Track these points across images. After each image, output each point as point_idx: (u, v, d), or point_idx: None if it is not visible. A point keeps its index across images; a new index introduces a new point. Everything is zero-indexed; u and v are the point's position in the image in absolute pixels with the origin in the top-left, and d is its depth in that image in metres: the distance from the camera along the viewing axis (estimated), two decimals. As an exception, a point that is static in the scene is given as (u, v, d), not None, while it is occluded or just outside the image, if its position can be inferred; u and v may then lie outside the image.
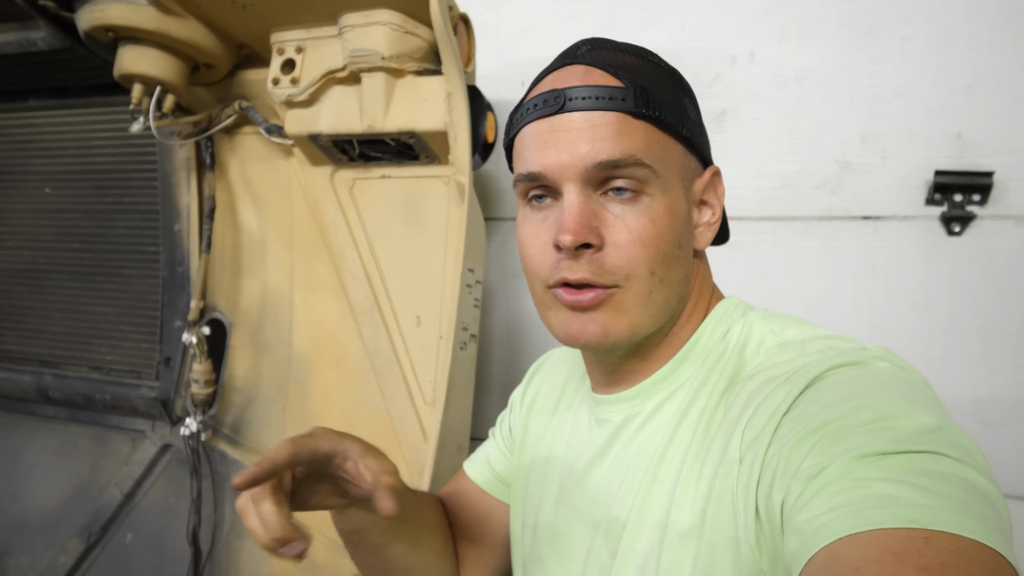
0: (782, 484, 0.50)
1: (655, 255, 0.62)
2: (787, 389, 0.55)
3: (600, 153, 0.61)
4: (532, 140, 0.65)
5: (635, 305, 0.63)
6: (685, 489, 0.61)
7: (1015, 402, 1.29)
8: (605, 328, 0.63)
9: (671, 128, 0.64)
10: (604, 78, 0.63)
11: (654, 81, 0.65)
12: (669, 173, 0.64)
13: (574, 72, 0.64)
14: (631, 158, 0.61)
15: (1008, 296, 1.29)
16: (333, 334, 1.37)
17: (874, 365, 0.55)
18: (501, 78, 1.53)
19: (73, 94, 1.51)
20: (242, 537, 1.44)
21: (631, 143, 0.61)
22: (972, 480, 0.43)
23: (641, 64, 0.66)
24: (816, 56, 1.36)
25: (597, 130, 0.61)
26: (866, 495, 0.42)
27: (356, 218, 1.34)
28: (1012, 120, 1.27)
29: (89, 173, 1.56)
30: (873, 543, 0.40)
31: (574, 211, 0.61)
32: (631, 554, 0.64)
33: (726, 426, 0.60)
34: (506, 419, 0.94)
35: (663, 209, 0.63)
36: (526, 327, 1.61)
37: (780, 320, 0.67)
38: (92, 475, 1.61)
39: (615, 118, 0.62)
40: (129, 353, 1.57)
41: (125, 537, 1.57)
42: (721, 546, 0.57)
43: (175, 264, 1.50)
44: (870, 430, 0.47)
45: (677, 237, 0.64)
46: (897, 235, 1.34)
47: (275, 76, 1.26)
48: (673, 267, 0.64)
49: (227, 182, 1.47)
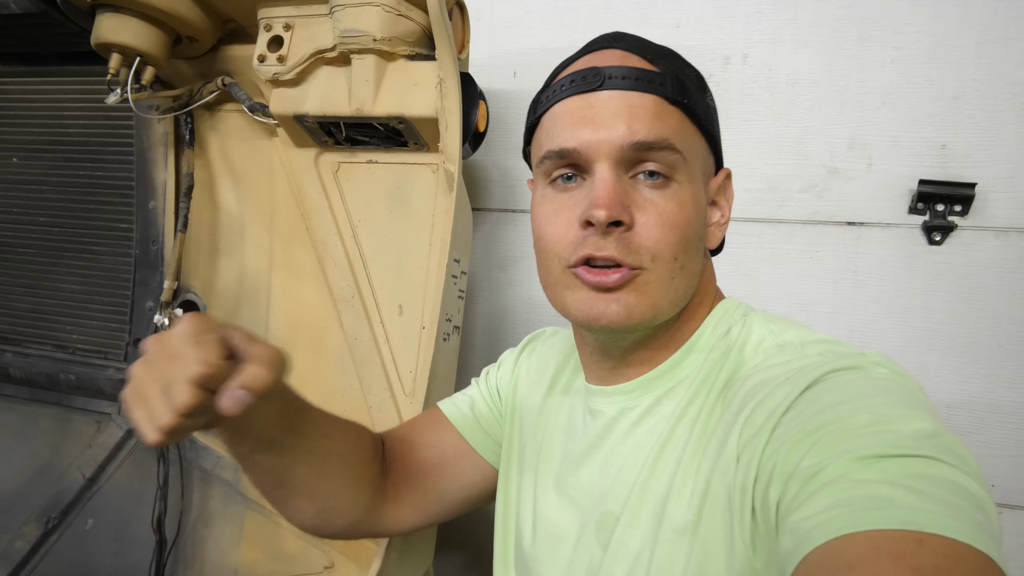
0: (779, 483, 0.50)
1: (680, 240, 0.63)
2: (787, 389, 0.55)
3: (636, 133, 0.61)
4: (566, 117, 0.64)
5: (658, 288, 0.63)
6: (682, 485, 0.61)
7: (986, 409, 1.32)
8: (629, 309, 0.63)
9: (699, 121, 0.66)
10: (641, 62, 0.64)
11: (686, 74, 0.66)
12: (695, 163, 0.65)
13: (611, 54, 0.65)
14: (665, 142, 0.62)
15: (983, 306, 1.32)
16: (311, 320, 1.34)
17: (873, 370, 0.56)
18: (492, 67, 1.51)
19: (46, 61, 1.45)
20: (209, 525, 1.41)
21: (666, 127, 0.62)
22: (966, 486, 0.43)
23: (672, 56, 0.68)
24: (808, 61, 1.37)
25: (635, 110, 0.62)
26: (862, 496, 0.43)
27: (340, 203, 1.31)
28: (995, 133, 1.29)
29: (60, 144, 1.51)
30: (868, 543, 0.40)
31: (608, 187, 0.61)
32: (623, 548, 0.64)
33: (724, 424, 0.60)
34: (493, 374, 0.93)
35: (689, 197, 0.64)
36: (509, 320, 1.60)
37: (780, 322, 0.68)
38: (53, 457, 1.55)
39: (652, 101, 0.62)
40: (97, 333, 1.52)
41: (86, 523, 1.52)
42: (715, 543, 0.57)
43: (149, 242, 1.45)
44: (868, 433, 0.47)
45: (698, 227, 0.65)
46: (879, 242, 1.36)
47: (261, 53, 1.22)
48: (693, 256, 0.65)
49: (206, 160, 1.43)
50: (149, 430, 0.57)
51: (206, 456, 1.40)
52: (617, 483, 0.67)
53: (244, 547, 1.36)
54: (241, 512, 1.37)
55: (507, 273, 1.60)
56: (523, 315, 1.58)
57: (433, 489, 0.88)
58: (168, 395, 0.56)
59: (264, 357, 0.59)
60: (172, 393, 0.56)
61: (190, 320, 0.59)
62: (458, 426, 0.89)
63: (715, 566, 0.57)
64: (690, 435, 0.63)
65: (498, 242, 1.59)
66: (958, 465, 0.45)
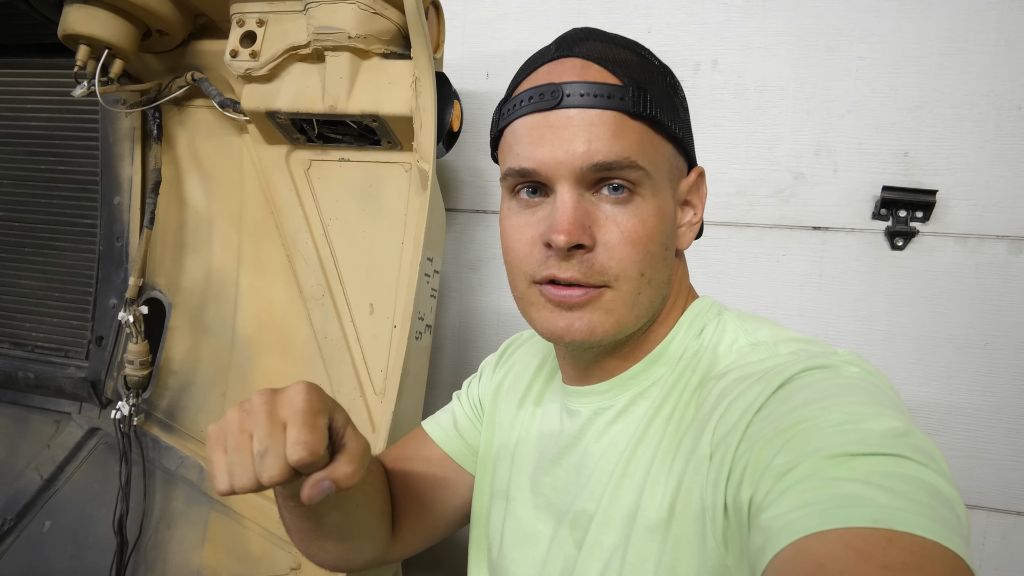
0: (751, 481, 0.50)
1: (644, 257, 0.62)
2: (759, 388, 0.56)
3: (596, 154, 0.60)
4: (525, 134, 0.63)
5: (623, 305, 0.63)
6: (655, 483, 0.61)
7: (946, 411, 1.35)
8: (592, 327, 0.63)
9: (664, 128, 0.64)
10: (601, 74, 0.62)
11: (650, 79, 0.64)
12: (660, 174, 0.64)
13: (570, 66, 0.63)
14: (626, 160, 0.60)
15: (943, 310, 1.35)
16: (280, 318, 1.33)
17: (845, 369, 0.56)
18: (465, 68, 1.52)
19: (9, 52, 1.42)
20: (172, 527, 1.38)
21: (627, 144, 0.61)
22: (936, 484, 0.44)
23: (636, 60, 0.65)
24: (776, 68, 1.40)
25: (594, 129, 0.60)
26: (833, 495, 0.43)
27: (311, 201, 1.30)
28: (955, 142, 1.33)
29: (22, 137, 1.47)
30: (838, 541, 0.40)
31: (568, 211, 0.60)
32: (597, 546, 0.64)
33: (697, 422, 0.60)
34: (474, 385, 0.93)
35: (653, 210, 0.63)
36: (478, 320, 1.60)
37: (753, 321, 0.68)
38: (9, 457, 1.51)
39: (612, 117, 0.61)
40: (57, 330, 1.48)
41: (43, 524, 1.48)
42: (687, 541, 0.57)
43: (113, 238, 1.42)
44: (840, 431, 0.47)
45: (664, 239, 0.64)
46: (843, 246, 1.39)
47: (233, 48, 1.21)
48: (660, 268, 0.65)
49: (174, 156, 1.41)
50: (223, 480, 0.56)
51: (170, 456, 1.37)
52: (591, 482, 0.67)
53: (208, 549, 1.33)
54: (205, 513, 1.34)
55: (477, 274, 1.60)
56: (493, 316, 1.59)
57: (431, 511, 0.87)
58: (261, 460, 0.55)
59: (357, 454, 0.59)
60: (266, 461, 0.55)
61: (307, 393, 0.58)
62: (443, 446, 0.89)
63: (687, 564, 0.57)
64: (663, 434, 0.63)
65: (469, 242, 1.59)
66: (928, 464, 0.45)
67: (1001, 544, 1.36)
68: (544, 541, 0.72)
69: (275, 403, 0.58)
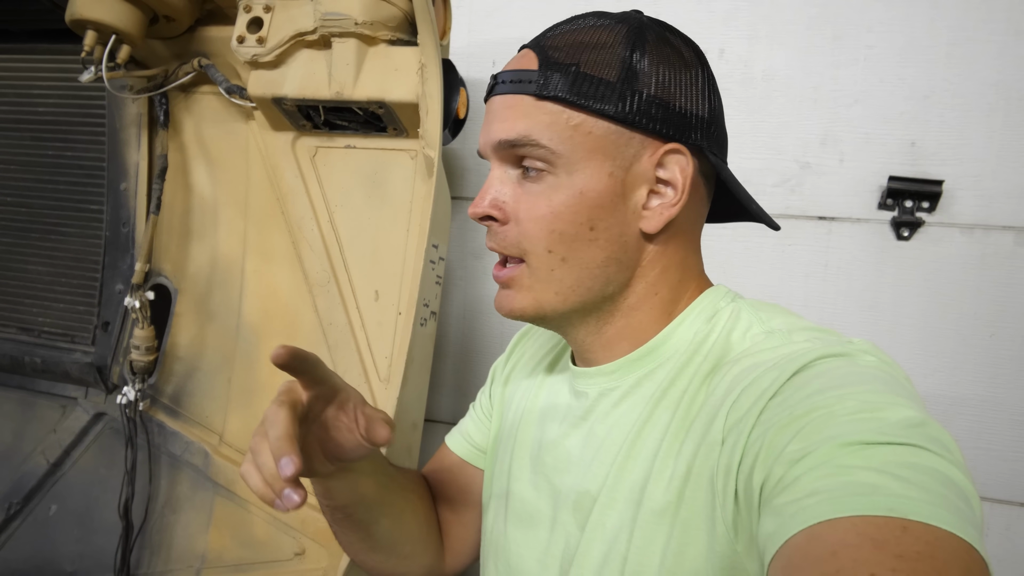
0: (764, 466, 0.50)
1: (550, 234, 0.65)
2: (774, 375, 0.55)
3: (499, 132, 0.66)
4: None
5: (537, 281, 0.67)
6: (663, 467, 0.61)
7: (950, 402, 1.35)
8: (511, 302, 0.69)
9: (592, 109, 0.63)
10: (530, 61, 0.66)
11: (592, 57, 0.63)
12: (579, 153, 0.63)
13: (517, 56, 0.69)
14: (526, 138, 0.64)
15: (949, 301, 1.35)
16: (285, 305, 1.33)
17: (861, 358, 0.56)
18: (472, 56, 1.51)
19: (16, 38, 1.42)
20: (177, 511, 1.39)
21: (530, 124, 0.64)
22: (950, 475, 0.44)
23: (586, 39, 0.64)
24: (783, 57, 1.39)
25: (507, 111, 0.66)
26: (848, 482, 0.43)
27: (317, 187, 1.30)
28: (963, 132, 1.32)
29: (29, 123, 1.47)
30: (852, 529, 0.40)
31: (485, 187, 0.68)
32: (600, 528, 0.64)
33: (709, 407, 0.60)
34: (485, 391, 0.94)
35: (567, 190, 0.64)
36: (483, 308, 1.60)
37: (768, 309, 0.68)
38: (16, 442, 1.52)
39: (521, 101, 0.65)
40: (64, 315, 1.49)
41: (49, 508, 1.49)
42: (696, 525, 0.57)
43: (119, 224, 1.43)
44: (855, 420, 0.47)
45: (586, 218, 0.64)
46: (849, 237, 1.38)
47: (240, 34, 1.21)
48: (581, 248, 0.65)
49: (180, 142, 1.41)
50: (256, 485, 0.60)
51: (175, 441, 1.38)
52: (595, 463, 0.67)
53: (213, 533, 1.34)
54: (210, 498, 1.35)
55: (482, 261, 1.60)
56: (498, 305, 1.59)
57: (472, 523, 0.89)
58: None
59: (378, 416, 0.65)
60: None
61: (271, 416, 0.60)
62: (460, 454, 0.91)
63: (695, 548, 0.57)
64: (672, 417, 0.63)
65: (474, 230, 1.59)
66: (943, 454, 0.45)
67: (1004, 535, 1.36)
68: (547, 521, 0.72)
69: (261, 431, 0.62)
